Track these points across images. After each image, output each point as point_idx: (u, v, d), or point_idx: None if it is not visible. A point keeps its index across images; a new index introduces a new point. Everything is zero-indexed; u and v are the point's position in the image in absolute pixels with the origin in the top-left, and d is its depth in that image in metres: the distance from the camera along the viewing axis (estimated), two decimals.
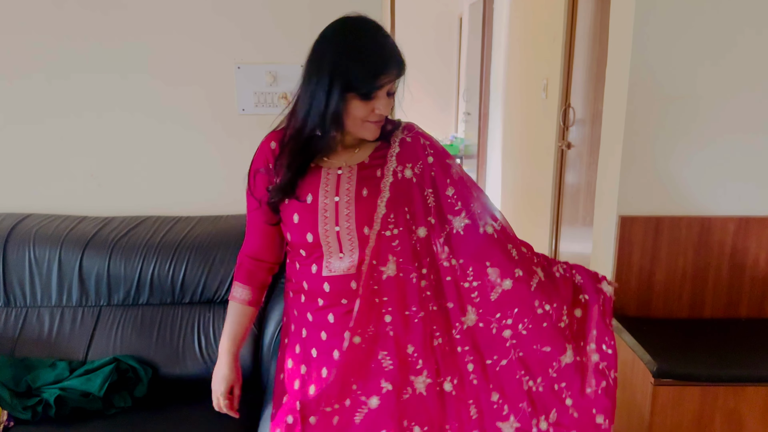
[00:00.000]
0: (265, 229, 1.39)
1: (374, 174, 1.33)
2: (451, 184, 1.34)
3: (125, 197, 2.23)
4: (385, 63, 1.23)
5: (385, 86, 1.24)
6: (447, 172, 1.35)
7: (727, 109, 1.98)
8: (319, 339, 1.36)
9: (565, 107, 3.11)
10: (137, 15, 2.10)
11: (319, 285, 1.33)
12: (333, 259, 1.31)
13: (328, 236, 1.30)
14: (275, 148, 1.35)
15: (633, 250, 2.06)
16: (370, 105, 1.25)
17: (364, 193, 1.31)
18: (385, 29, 1.27)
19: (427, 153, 1.35)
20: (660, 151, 2.02)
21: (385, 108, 1.26)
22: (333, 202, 1.30)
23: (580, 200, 2.88)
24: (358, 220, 1.30)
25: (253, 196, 1.38)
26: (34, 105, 2.16)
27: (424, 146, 1.36)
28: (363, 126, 1.28)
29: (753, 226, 2.04)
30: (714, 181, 2.03)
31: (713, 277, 2.08)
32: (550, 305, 1.35)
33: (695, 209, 2.05)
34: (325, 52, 1.24)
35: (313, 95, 1.24)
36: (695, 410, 1.76)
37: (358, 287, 1.30)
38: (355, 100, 1.23)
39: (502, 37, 4.83)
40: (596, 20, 2.66)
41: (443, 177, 1.34)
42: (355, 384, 1.31)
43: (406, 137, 1.35)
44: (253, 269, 1.42)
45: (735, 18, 1.93)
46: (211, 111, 2.18)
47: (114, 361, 1.85)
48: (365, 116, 1.26)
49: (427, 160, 1.35)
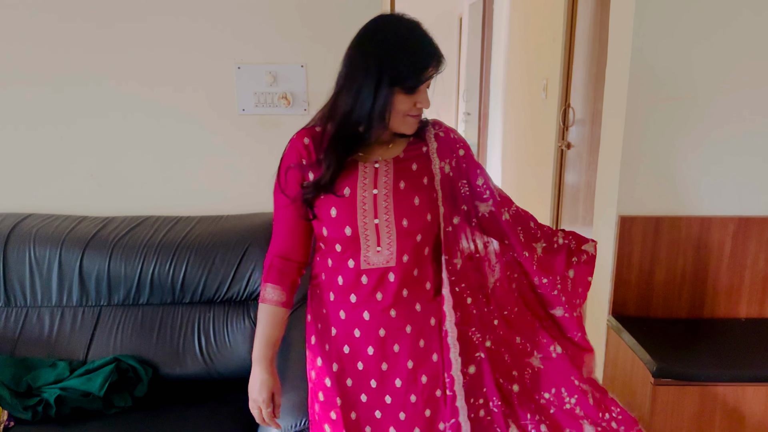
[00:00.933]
0: (295, 227, 1.39)
1: (410, 167, 1.36)
2: (480, 174, 1.42)
3: (125, 197, 2.23)
4: (430, 56, 1.26)
5: (428, 80, 1.28)
6: (475, 163, 1.43)
7: (726, 109, 1.98)
8: (352, 336, 1.38)
9: (565, 107, 3.11)
10: (137, 15, 2.10)
11: (356, 279, 1.34)
12: (371, 252, 1.33)
13: (367, 229, 1.32)
14: (309, 144, 1.36)
15: (633, 250, 2.06)
16: (413, 99, 1.29)
17: (401, 186, 1.33)
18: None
19: (458, 146, 1.41)
20: (660, 151, 2.02)
21: (426, 102, 1.31)
22: (371, 194, 1.32)
23: (580, 200, 2.88)
24: (396, 212, 1.32)
25: (284, 193, 1.38)
26: (34, 105, 2.16)
27: (455, 140, 1.42)
28: (404, 120, 1.31)
29: (753, 226, 2.04)
30: (714, 181, 2.03)
31: (713, 277, 2.08)
32: (547, 278, 1.47)
33: (695, 209, 2.05)
34: (370, 48, 1.26)
35: (359, 91, 1.25)
36: (695, 410, 1.76)
37: (395, 279, 1.33)
38: (400, 94, 1.26)
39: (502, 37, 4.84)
40: (596, 20, 2.66)
41: (474, 168, 1.42)
42: (398, 379, 1.37)
43: (439, 132, 1.41)
44: (283, 269, 1.40)
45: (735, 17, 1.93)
46: (211, 111, 2.18)
47: (114, 360, 1.85)
48: (408, 110, 1.29)
49: (459, 153, 1.41)
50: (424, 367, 1.38)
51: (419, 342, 1.37)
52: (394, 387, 1.38)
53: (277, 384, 1.38)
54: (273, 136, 2.20)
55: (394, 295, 1.34)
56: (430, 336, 1.38)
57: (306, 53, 2.13)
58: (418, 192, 1.34)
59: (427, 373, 1.38)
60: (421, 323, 1.37)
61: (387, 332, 1.36)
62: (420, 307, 1.37)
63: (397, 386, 1.38)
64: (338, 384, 1.39)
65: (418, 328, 1.37)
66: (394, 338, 1.36)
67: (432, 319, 1.38)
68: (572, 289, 1.49)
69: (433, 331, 1.38)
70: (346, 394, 1.39)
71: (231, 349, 1.93)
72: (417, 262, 1.35)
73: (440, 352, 1.38)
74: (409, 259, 1.33)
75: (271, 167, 2.22)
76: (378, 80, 1.23)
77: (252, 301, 1.99)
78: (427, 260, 1.38)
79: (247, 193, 2.23)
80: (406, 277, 1.34)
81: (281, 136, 2.19)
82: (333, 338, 1.40)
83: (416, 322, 1.37)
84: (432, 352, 1.38)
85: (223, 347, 1.93)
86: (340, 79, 1.30)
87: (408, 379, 1.37)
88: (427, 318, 1.38)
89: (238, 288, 1.97)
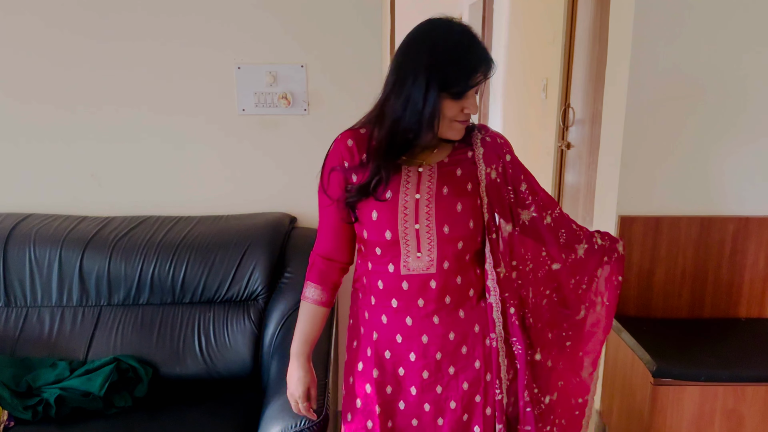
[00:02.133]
0: (338, 228, 1.39)
1: (454, 172, 1.34)
2: (524, 179, 1.39)
3: (125, 197, 2.23)
4: (479, 62, 1.24)
5: (476, 86, 1.26)
6: (521, 168, 1.40)
7: (726, 109, 1.98)
8: (394, 341, 1.37)
9: (565, 107, 3.11)
10: (138, 15, 2.10)
11: (397, 284, 1.33)
12: (411, 258, 1.31)
13: (407, 234, 1.30)
14: (352, 146, 1.34)
15: (633, 250, 2.06)
16: (461, 104, 1.26)
17: (444, 192, 1.31)
18: (474, 30, 1.28)
19: (504, 151, 1.38)
20: (660, 151, 2.02)
21: (474, 107, 1.28)
22: (414, 199, 1.30)
23: (580, 200, 2.88)
24: (438, 218, 1.30)
25: (326, 194, 1.37)
26: (35, 105, 2.16)
27: (501, 145, 1.38)
28: (451, 126, 1.29)
29: (753, 226, 2.04)
30: (714, 181, 2.03)
31: (713, 277, 2.08)
32: (579, 278, 1.47)
33: (695, 209, 2.05)
34: (420, 53, 1.24)
35: (409, 97, 1.24)
36: (695, 410, 1.76)
37: (437, 286, 1.32)
38: (447, 99, 1.24)
39: (502, 37, 4.84)
40: (596, 20, 2.66)
41: (518, 173, 1.39)
42: (439, 386, 1.37)
43: (486, 137, 1.38)
44: (325, 269, 1.41)
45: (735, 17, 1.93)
46: (212, 111, 2.18)
47: (114, 360, 1.85)
48: (455, 116, 1.28)
49: (505, 158, 1.38)
50: (466, 374, 1.37)
51: (462, 348, 1.37)
52: (435, 394, 1.37)
53: (313, 379, 1.44)
54: (273, 136, 2.21)
55: (436, 302, 1.33)
56: (473, 343, 1.37)
57: (306, 53, 2.13)
58: (461, 198, 1.31)
59: (468, 380, 1.37)
60: (464, 330, 1.36)
61: (429, 339, 1.35)
62: (464, 314, 1.36)
63: (437, 392, 1.37)
64: (378, 391, 1.38)
65: (461, 334, 1.36)
66: (436, 345, 1.35)
67: (476, 326, 1.37)
68: (600, 287, 1.49)
69: (476, 338, 1.37)
70: (385, 402, 1.38)
71: (231, 349, 1.93)
72: (459, 269, 1.33)
73: (483, 359, 1.37)
74: (450, 265, 1.32)
75: (272, 167, 2.24)
76: (426, 87, 1.22)
77: (252, 301, 1.99)
78: (470, 267, 1.36)
79: (247, 193, 2.23)
80: (448, 284, 1.33)
81: (281, 136, 2.21)
82: (374, 342, 1.39)
83: (459, 329, 1.36)
84: (475, 359, 1.37)
85: (223, 347, 1.93)
86: (387, 84, 1.28)
87: (449, 385, 1.37)
88: (471, 325, 1.37)
89: (238, 288, 1.97)
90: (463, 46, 1.24)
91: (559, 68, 3.19)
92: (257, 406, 1.78)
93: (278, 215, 2.16)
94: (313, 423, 1.49)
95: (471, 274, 1.36)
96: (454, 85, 1.23)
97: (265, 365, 1.92)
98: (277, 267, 2.01)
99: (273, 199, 2.23)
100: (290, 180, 2.23)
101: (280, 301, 1.96)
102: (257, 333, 1.94)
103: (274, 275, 1.99)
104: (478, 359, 1.37)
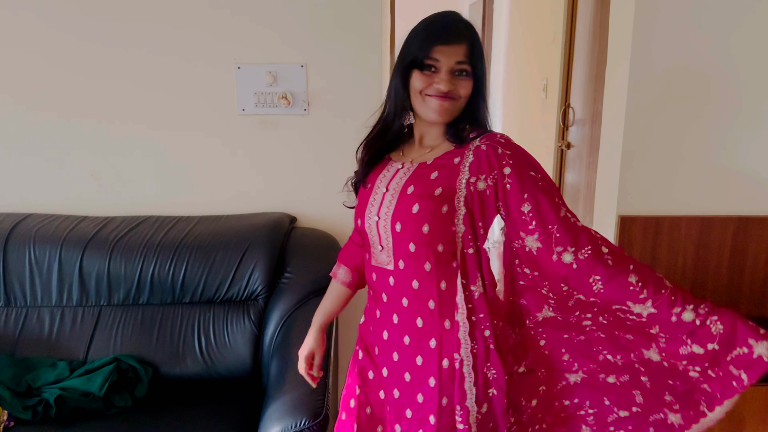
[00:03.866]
0: None
1: (429, 175, 1.28)
2: (528, 199, 1.22)
3: (125, 197, 2.23)
4: (440, 32, 1.24)
5: (445, 59, 1.23)
6: (525, 185, 1.23)
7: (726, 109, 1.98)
8: (368, 329, 1.43)
9: (565, 107, 3.11)
10: (138, 16, 2.10)
11: (369, 275, 1.38)
12: (375, 250, 1.34)
13: (370, 225, 1.33)
14: None
15: (633, 250, 2.06)
16: (431, 78, 1.24)
17: (409, 191, 1.28)
18: (461, 15, 1.29)
19: (504, 163, 1.24)
20: (660, 151, 2.02)
21: (446, 84, 1.23)
22: (382, 193, 1.32)
23: (580, 200, 2.88)
24: (393, 214, 1.28)
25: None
26: (35, 105, 2.16)
27: (503, 155, 1.24)
28: (424, 102, 1.26)
29: (753, 226, 2.04)
30: (714, 181, 2.03)
31: (713, 277, 2.08)
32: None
33: (695, 209, 2.05)
34: (403, 44, 1.30)
35: (390, 82, 1.32)
36: None
37: (394, 284, 1.31)
38: (416, 71, 1.25)
39: (502, 37, 4.84)
40: (596, 20, 2.66)
41: (519, 191, 1.23)
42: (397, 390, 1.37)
43: (482, 145, 1.26)
44: (349, 251, 1.50)
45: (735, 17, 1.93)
46: (212, 111, 2.18)
47: (114, 360, 1.85)
48: (423, 88, 1.25)
49: (503, 170, 1.24)
50: (421, 387, 1.31)
51: (417, 359, 1.31)
52: (393, 397, 1.36)
53: (319, 345, 1.50)
54: (273, 136, 2.21)
55: (394, 301, 1.32)
56: (428, 358, 1.29)
57: (306, 53, 2.13)
58: (420, 200, 1.25)
59: (423, 394, 1.31)
60: (419, 340, 1.30)
61: (389, 336, 1.36)
62: (421, 324, 1.29)
63: (395, 397, 1.36)
64: (360, 374, 1.44)
65: (416, 344, 1.31)
66: (394, 345, 1.35)
67: (433, 340, 1.28)
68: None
69: (432, 353, 1.29)
70: (364, 385, 1.43)
71: (231, 349, 1.93)
72: (415, 274, 1.28)
73: (438, 379, 1.28)
74: (406, 267, 1.28)
75: (272, 167, 2.24)
76: (400, 66, 1.27)
77: (252, 301, 1.99)
78: (430, 277, 1.27)
79: (247, 193, 2.23)
80: (404, 286, 1.29)
81: (281, 136, 2.21)
82: (371, 333, 1.43)
83: (415, 337, 1.31)
84: (429, 375, 1.29)
85: (223, 347, 1.93)
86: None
87: (405, 392, 1.34)
88: (426, 337, 1.29)
89: (238, 288, 1.97)
90: (430, 20, 1.27)
91: (559, 68, 3.19)
92: (257, 406, 1.78)
93: (278, 215, 2.16)
94: (313, 423, 1.50)
95: (431, 285, 1.27)
96: (416, 54, 1.24)
97: (265, 365, 1.92)
98: (277, 267, 2.01)
99: (273, 199, 2.24)
100: (290, 180, 2.23)
101: (280, 301, 1.96)
102: (257, 333, 1.95)
103: (274, 275, 2.00)
104: (433, 377, 1.29)
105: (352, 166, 1.42)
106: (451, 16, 1.27)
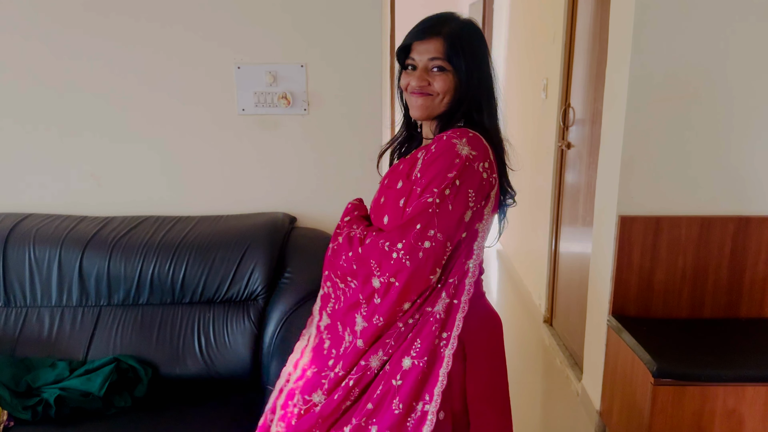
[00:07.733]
0: None
1: (398, 167, 1.37)
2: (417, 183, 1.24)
3: (125, 197, 2.23)
4: (416, 29, 1.30)
5: (419, 57, 1.29)
6: (425, 173, 1.23)
7: (726, 109, 1.99)
8: None
9: (565, 107, 3.11)
10: (138, 16, 2.10)
11: None
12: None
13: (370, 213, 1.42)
14: None
15: (633, 250, 2.06)
16: (410, 76, 1.32)
17: (384, 182, 1.38)
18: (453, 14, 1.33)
19: (423, 151, 1.28)
20: (660, 151, 2.02)
21: (416, 80, 1.29)
22: (378, 186, 1.41)
23: (580, 200, 2.88)
24: (371, 206, 1.40)
25: None
26: (35, 105, 2.16)
27: (429, 145, 1.28)
28: (409, 100, 1.34)
29: (753, 226, 2.04)
30: (714, 181, 2.03)
31: (713, 277, 2.08)
32: None
33: (695, 209, 2.05)
34: None
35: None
36: (695, 410, 1.76)
37: None
38: (403, 71, 1.34)
39: (502, 37, 4.84)
40: (596, 20, 2.66)
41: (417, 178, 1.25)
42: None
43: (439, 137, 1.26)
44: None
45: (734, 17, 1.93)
46: (211, 111, 2.18)
47: (114, 360, 1.85)
48: (404, 86, 1.33)
49: (416, 155, 1.30)
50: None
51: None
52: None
53: None
54: (273, 136, 2.21)
55: None
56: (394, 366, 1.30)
57: (306, 53, 2.13)
58: (386, 192, 1.34)
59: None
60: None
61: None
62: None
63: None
64: None
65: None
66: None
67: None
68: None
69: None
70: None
71: (231, 349, 1.93)
72: None
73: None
74: None
75: (272, 167, 2.24)
76: (398, 71, 1.36)
77: (252, 301, 1.99)
78: None
79: (247, 193, 2.23)
80: None
81: (281, 136, 2.21)
82: None
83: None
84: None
85: (223, 347, 1.93)
86: None
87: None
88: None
89: (238, 288, 1.97)
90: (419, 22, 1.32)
91: (559, 68, 3.19)
92: (257, 406, 1.77)
93: (278, 215, 2.16)
94: None
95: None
96: (399, 55, 1.33)
97: (265, 365, 1.91)
98: (277, 267, 2.01)
99: (273, 199, 2.24)
100: (290, 180, 2.23)
101: (280, 301, 1.96)
102: (257, 333, 1.94)
103: (274, 275, 1.99)
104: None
105: (352, 166, 1.44)
106: (436, 14, 1.31)
